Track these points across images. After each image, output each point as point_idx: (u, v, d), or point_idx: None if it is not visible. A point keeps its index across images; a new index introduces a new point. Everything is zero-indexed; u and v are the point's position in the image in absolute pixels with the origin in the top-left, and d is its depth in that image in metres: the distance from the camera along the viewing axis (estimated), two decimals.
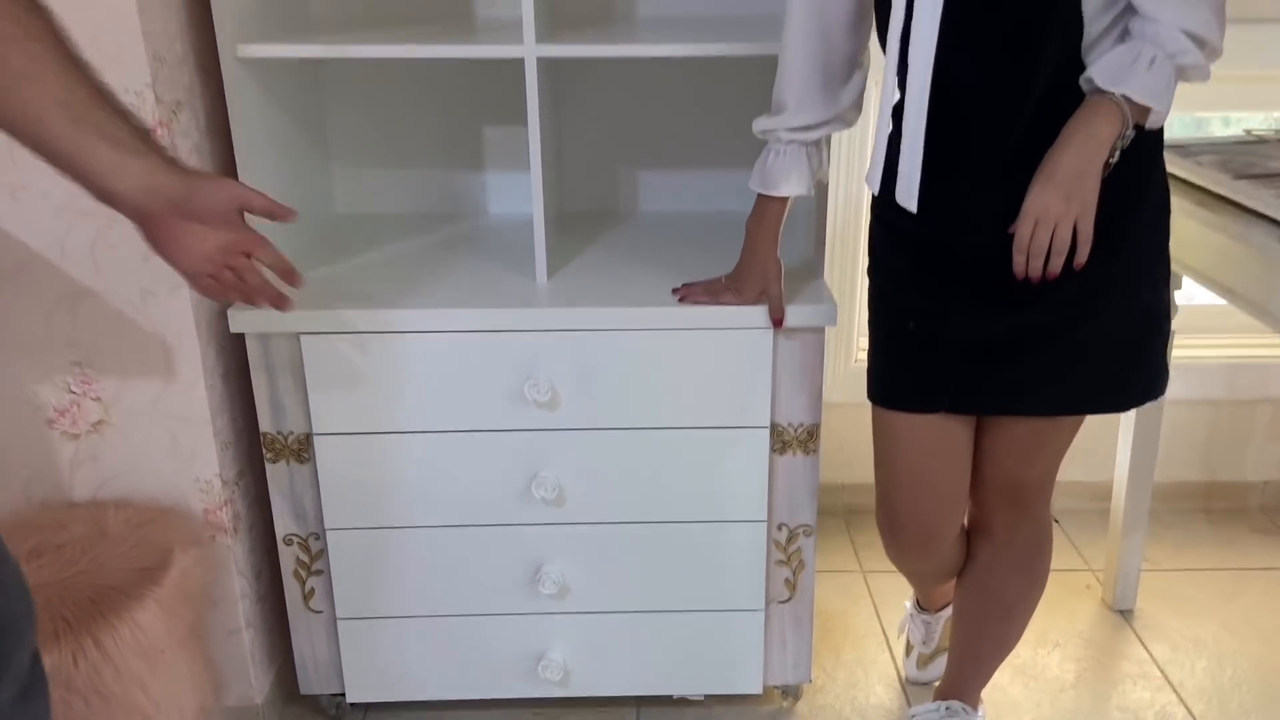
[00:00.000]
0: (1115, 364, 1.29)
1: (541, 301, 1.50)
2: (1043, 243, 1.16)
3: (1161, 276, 1.29)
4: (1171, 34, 1.12)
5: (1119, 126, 1.14)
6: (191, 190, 1.03)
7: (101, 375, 1.44)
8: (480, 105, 1.84)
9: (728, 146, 1.86)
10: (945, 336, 1.32)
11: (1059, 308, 1.26)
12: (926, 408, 1.37)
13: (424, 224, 1.85)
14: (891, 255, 1.36)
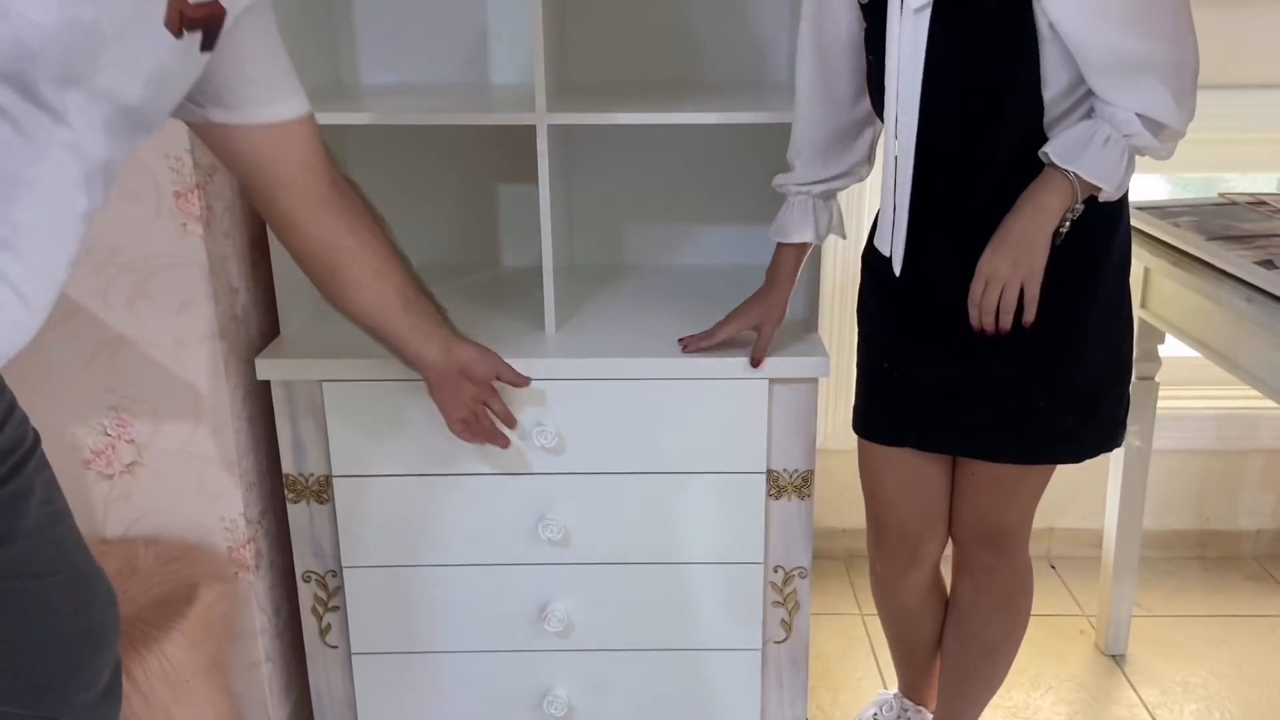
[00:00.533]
0: (1071, 417, 1.38)
1: (550, 352, 1.59)
2: (992, 301, 1.25)
3: (1118, 335, 1.37)
4: (1126, 116, 1.21)
5: (1068, 200, 1.23)
6: (474, 359, 1.36)
7: (136, 419, 1.54)
8: (494, 165, 1.94)
9: (732, 203, 1.96)
10: (914, 379, 1.43)
11: (1016, 360, 1.34)
12: (896, 441, 1.50)
13: (440, 275, 1.94)
14: (875, 301, 1.47)
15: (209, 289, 1.48)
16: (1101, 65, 1.21)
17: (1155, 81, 1.20)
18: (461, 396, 1.39)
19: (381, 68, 1.89)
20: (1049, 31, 1.20)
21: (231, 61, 1.01)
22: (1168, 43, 1.19)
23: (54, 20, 0.78)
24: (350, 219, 1.20)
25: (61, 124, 0.82)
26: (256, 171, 1.13)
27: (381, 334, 1.30)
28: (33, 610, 0.96)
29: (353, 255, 1.21)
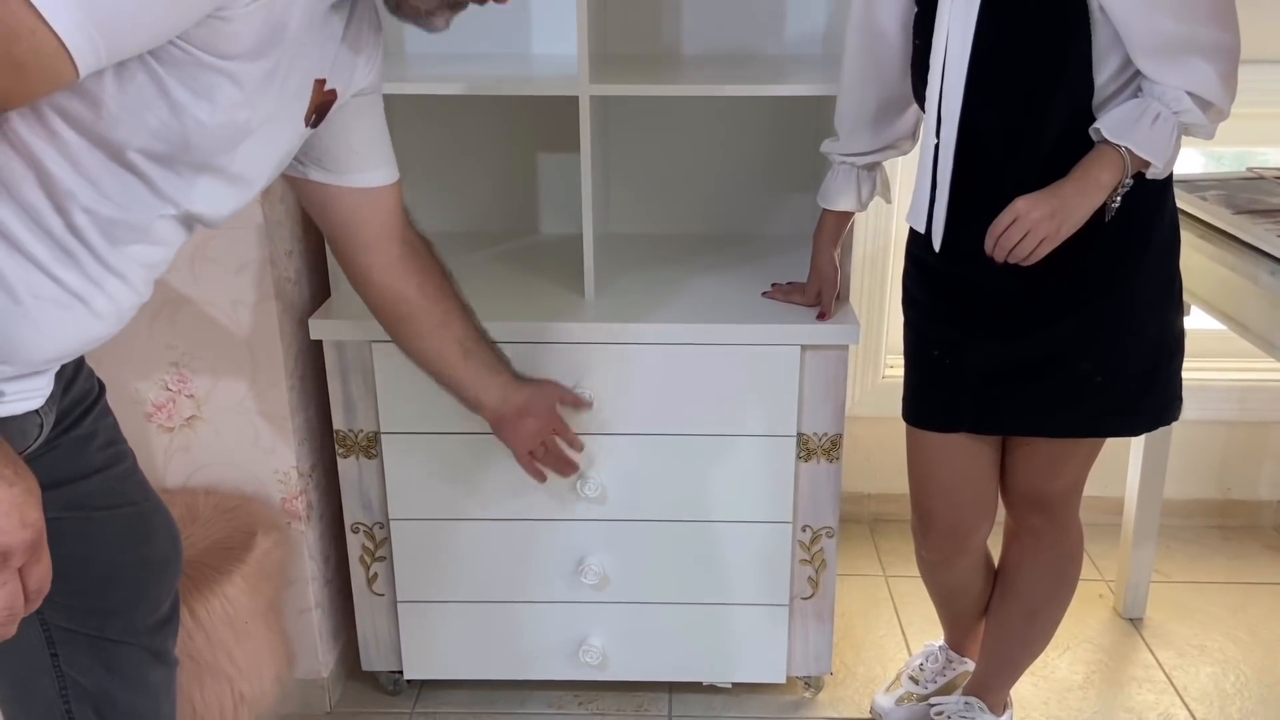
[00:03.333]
0: (1126, 391, 1.41)
1: (589, 316, 1.65)
2: (1011, 238, 1.28)
3: (1170, 311, 1.40)
4: (1176, 94, 1.24)
5: (1119, 174, 1.26)
6: (530, 398, 1.43)
7: (195, 375, 1.61)
8: (535, 133, 2.00)
9: (769, 172, 2.00)
10: (967, 364, 1.45)
11: (1069, 338, 1.38)
12: (951, 427, 1.51)
13: (482, 241, 2.01)
14: (920, 290, 1.50)
15: (265, 252, 1.55)
16: (1150, 47, 1.24)
17: (1202, 62, 1.23)
18: (522, 433, 1.45)
19: (426, 37, 1.93)
20: (1099, 14, 1.23)
21: (338, 132, 1.12)
22: (1213, 26, 1.22)
23: (217, 121, 0.89)
24: (419, 275, 1.29)
25: (190, 189, 0.93)
26: (341, 228, 1.23)
27: (442, 379, 1.38)
28: (97, 540, 1.07)
29: (418, 307, 1.30)
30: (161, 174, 0.90)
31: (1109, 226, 1.30)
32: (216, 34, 0.84)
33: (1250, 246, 1.54)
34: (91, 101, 0.83)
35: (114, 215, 0.89)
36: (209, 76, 0.86)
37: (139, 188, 0.90)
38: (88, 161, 0.86)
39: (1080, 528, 1.62)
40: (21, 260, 0.86)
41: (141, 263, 0.95)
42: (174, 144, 0.88)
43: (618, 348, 1.62)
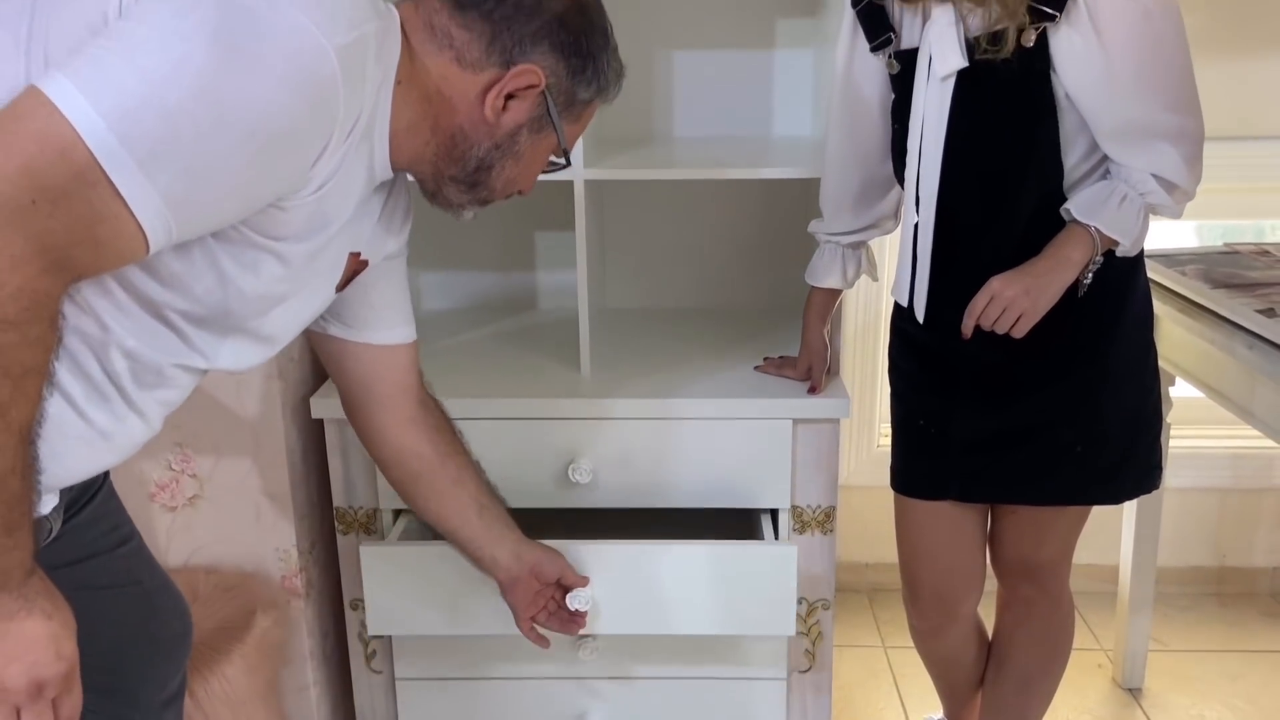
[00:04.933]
0: (1107, 460, 1.44)
1: (584, 392, 1.68)
2: (989, 317, 1.32)
3: (1147, 381, 1.44)
4: (1142, 177, 1.30)
5: (1089, 252, 1.31)
6: (541, 559, 1.42)
7: (199, 455, 1.64)
8: (532, 213, 2.05)
9: (760, 248, 2.06)
10: (951, 433, 1.48)
11: (1049, 409, 1.42)
12: (937, 495, 1.54)
13: (481, 317, 2.05)
14: (905, 360, 1.54)
15: None
16: (1115, 132, 1.29)
17: (1166, 146, 1.28)
18: (531, 594, 1.45)
19: None
20: (1065, 101, 1.29)
21: (361, 291, 1.18)
22: (1175, 112, 1.28)
23: (259, 292, 0.96)
24: (431, 433, 1.32)
25: (221, 346, 1.00)
26: (357, 383, 1.28)
27: (457, 537, 1.39)
28: (99, 618, 1.10)
29: (431, 464, 1.32)
30: (196, 332, 0.96)
31: (1083, 301, 1.34)
32: (272, 219, 0.91)
33: (1228, 320, 1.58)
34: (147, 269, 0.89)
35: (147, 362, 0.95)
36: (257, 253, 0.93)
37: (174, 340, 0.95)
38: (132, 315, 0.92)
39: (1071, 598, 1.63)
40: (58, 399, 0.90)
41: (162, 403, 1.00)
42: (214, 309, 0.95)
43: (613, 423, 1.65)
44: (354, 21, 0.89)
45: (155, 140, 0.78)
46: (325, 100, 0.86)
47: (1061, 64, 1.27)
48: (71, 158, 0.76)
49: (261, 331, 1.02)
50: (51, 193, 0.76)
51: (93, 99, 0.77)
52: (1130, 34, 1.24)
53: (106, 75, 0.78)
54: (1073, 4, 1.24)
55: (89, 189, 0.77)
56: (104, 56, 0.79)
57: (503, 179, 1.09)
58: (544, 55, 1.02)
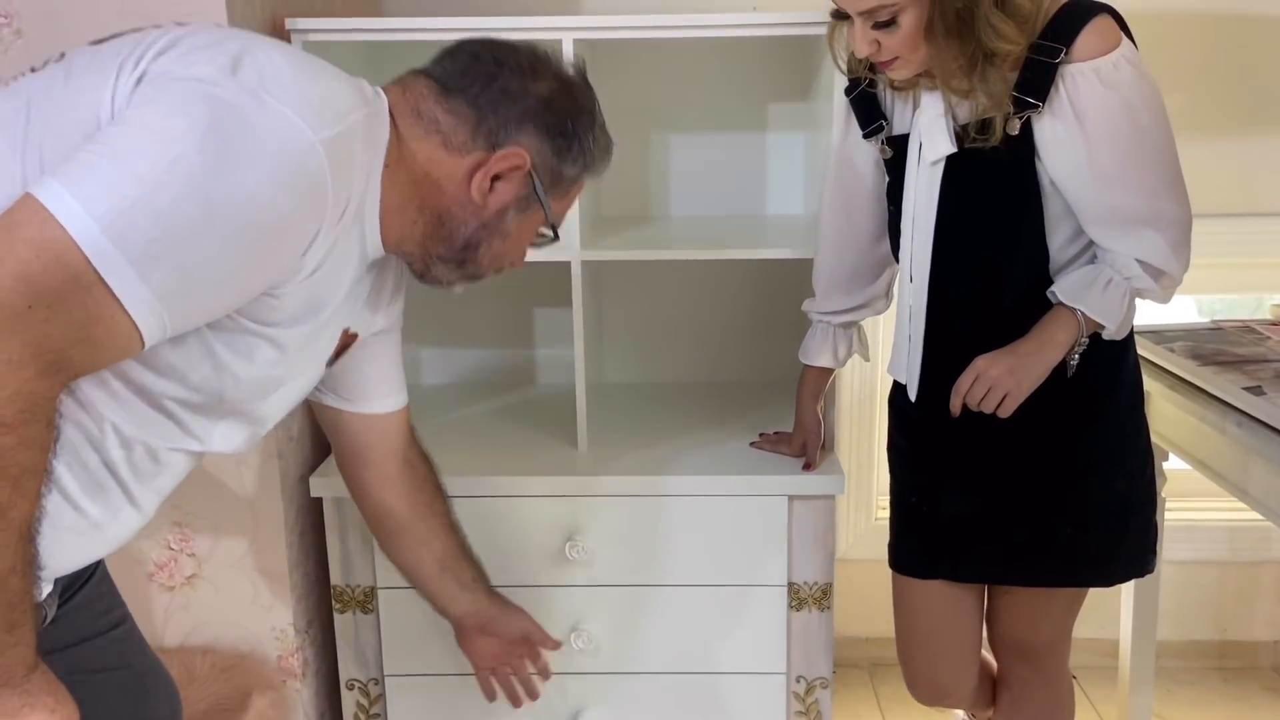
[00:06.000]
0: (1097, 542, 1.44)
1: (582, 469, 1.70)
2: (975, 396, 1.34)
3: (1136, 465, 1.44)
4: (1127, 261, 1.32)
5: (1074, 334, 1.33)
6: (497, 620, 1.45)
7: (198, 534, 1.65)
8: (531, 291, 2.09)
9: (755, 324, 2.09)
10: (942, 511, 1.49)
11: (1037, 490, 1.42)
12: (929, 574, 1.54)
13: (480, 393, 2.07)
14: (900, 437, 1.56)
15: None
16: (1098, 219, 1.32)
17: (1151, 232, 1.30)
18: (481, 650, 1.48)
19: None
20: (1050, 187, 1.32)
21: (354, 365, 1.22)
22: (1161, 199, 1.30)
23: (254, 376, 0.98)
24: (410, 493, 1.36)
25: (214, 429, 1.02)
26: (349, 446, 1.32)
27: (414, 585, 1.44)
28: (93, 702, 1.09)
29: (404, 523, 1.36)
30: (192, 417, 0.98)
31: (1071, 383, 1.36)
32: (266, 306, 0.93)
33: (1217, 398, 1.60)
34: (143, 360, 0.91)
35: (144, 449, 0.96)
36: (252, 340, 0.95)
37: (170, 426, 0.97)
38: (128, 405, 0.93)
39: (1069, 679, 1.62)
40: (54, 494, 0.91)
41: (157, 491, 1.02)
42: (210, 396, 0.96)
43: (610, 500, 1.66)
44: (340, 113, 0.92)
45: (148, 240, 0.81)
46: (314, 192, 0.88)
47: (1046, 152, 1.30)
48: (67, 262, 0.79)
49: (256, 414, 1.04)
50: (47, 297, 0.78)
51: (86, 203, 0.80)
52: (1112, 125, 1.27)
53: (99, 179, 0.81)
54: (1055, 94, 1.27)
55: (84, 292, 0.80)
56: (97, 161, 0.82)
57: (490, 256, 1.12)
58: (529, 137, 1.05)
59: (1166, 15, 2.03)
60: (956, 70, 1.28)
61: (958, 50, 1.26)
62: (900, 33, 1.25)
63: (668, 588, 1.69)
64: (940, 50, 1.26)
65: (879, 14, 1.25)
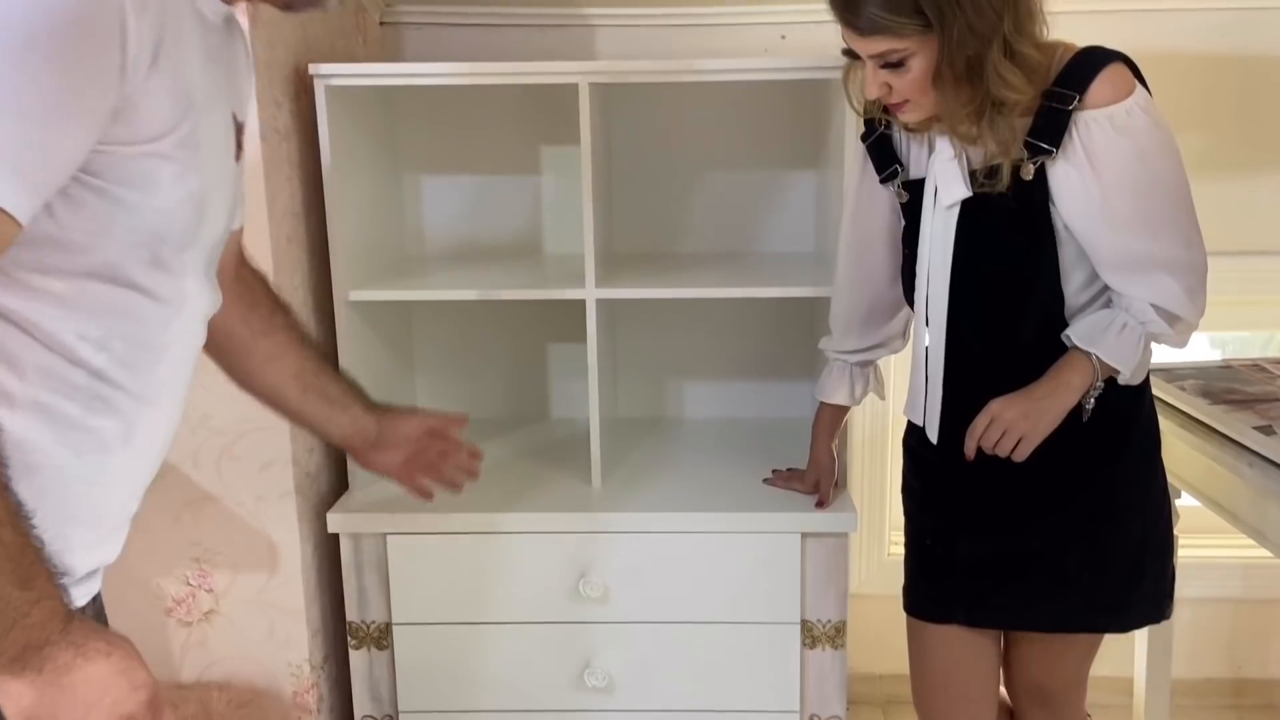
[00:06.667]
0: (1113, 588, 1.44)
1: (596, 506, 1.71)
2: (990, 439, 1.34)
3: (1152, 511, 1.44)
4: (1142, 306, 1.32)
5: (1089, 378, 1.33)
6: (383, 430, 1.37)
7: (215, 570, 1.66)
8: (545, 326, 2.11)
9: (768, 360, 2.10)
10: (958, 554, 1.49)
11: (1052, 535, 1.42)
12: (944, 618, 1.53)
13: (496, 428, 2.09)
14: (915, 479, 1.56)
15: (289, 451, 1.63)
16: (1113, 263, 1.32)
17: (1166, 277, 1.31)
18: (391, 463, 1.40)
19: (447, 238, 2.08)
20: (1065, 232, 1.33)
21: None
22: (1175, 245, 1.31)
23: (174, 199, 0.92)
24: (246, 310, 1.24)
25: (182, 283, 0.97)
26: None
27: (286, 417, 1.35)
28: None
29: (246, 343, 1.25)
30: (151, 278, 0.92)
31: (1086, 428, 1.36)
32: (128, 124, 0.85)
33: (1229, 437, 1.61)
34: (56, 243, 0.85)
35: (125, 343, 0.92)
36: (143, 164, 0.88)
37: (134, 299, 0.92)
38: (88, 300, 0.88)
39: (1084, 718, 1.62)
40: (56, 426, 0.89)
41: (165, 382, 0.97)
42: (150, 242, 0.90)
43: (624, 536, 1.68)
44: None
45: None
46: None
47: (1060, 197, 1.31)
48: None
49: (202, 236, 0.97)
50: None
51: None
52: (1125, 171, 1.28)
53: None
54: (1069, 141, 1.28)
55: None
56: None
57: None
58: None
59: (1178, 56, 2.06)
60: (964, 116, 1.30)
61: (967, 96, 1.28)
62: (909, 76, 1.27)
63: (681, 624, 1.70)
64: (948, 96, 1.28)
65: (889, 56, 1.26)
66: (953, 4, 1.22)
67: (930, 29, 1.23)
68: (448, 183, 2.06)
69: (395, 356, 2.01)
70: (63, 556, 0.88)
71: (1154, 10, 2.04)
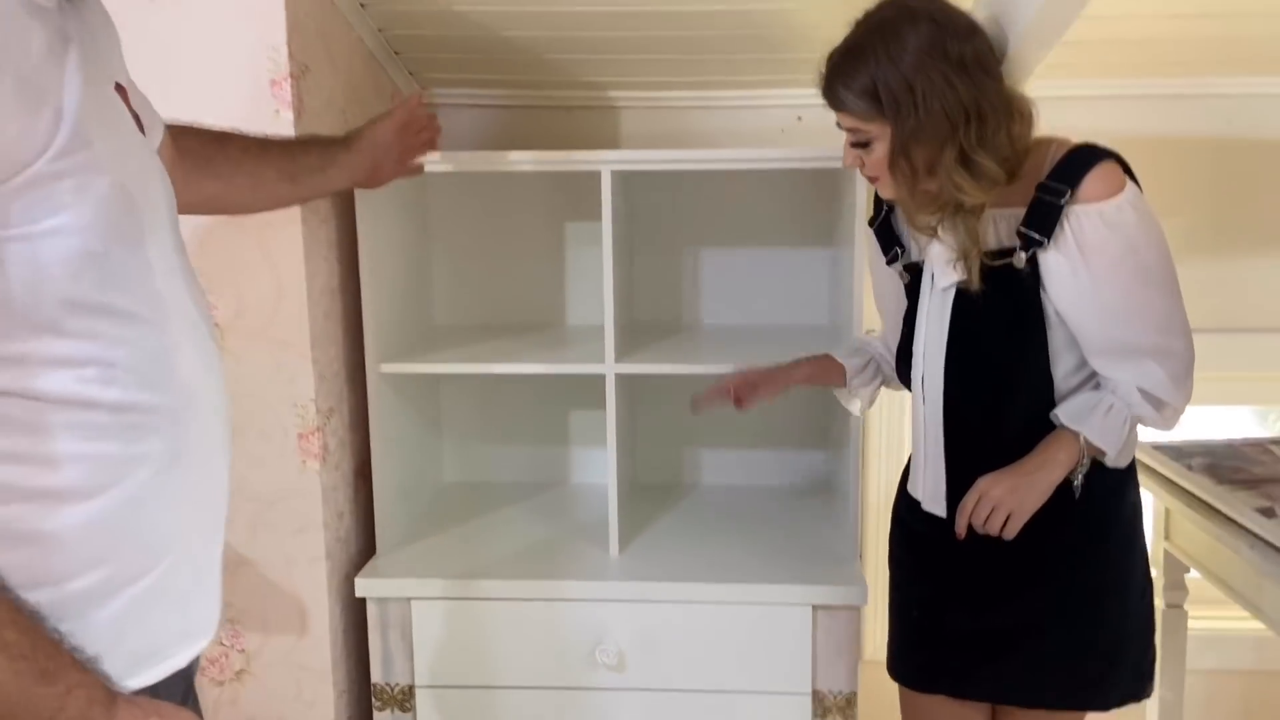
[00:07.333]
0: (1094, 667, 1.46)
1: (613, 574, 1.77)
2: (979, 517, 1.38)
3: (1133, 596, 1.47)
4: (1128, 389, 1.37)
5: (1075, 455, 1.37)
6: (367, 154, 1.52)
7: (248, 630, 1.73)
8: (567, 395, 2.18)
9: (783, 430, 2.16)
10: (943, 625, 1.53)
11: (1034, 613, 1.45)
12: (930, 688, 1.57)
13: (516, 492, 2.16)
14: (903, 550, 1.61)
15: (321, 516, 1.70)
16: (1102, 349, 1.37)
17: (1153, 364, 1.35)
18: (386, 174, 1.59)
19: (474, 309, 2.17)
20: (1055, 318, 1.38)
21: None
22: (1162, 334, 1.35)
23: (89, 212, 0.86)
24: (207, 173, 1.25)
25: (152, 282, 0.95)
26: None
27: (296, 204, 1.49)
28: None
29: (224, 193, 1.30)
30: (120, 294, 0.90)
31: (1070, 510, 1.39)
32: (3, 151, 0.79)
33: (1232, 519, 1.64)
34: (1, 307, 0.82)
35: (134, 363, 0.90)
36: (32, 195, 0.82)
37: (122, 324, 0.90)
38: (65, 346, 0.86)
39: None
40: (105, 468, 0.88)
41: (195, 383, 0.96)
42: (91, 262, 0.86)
43: (639, 605, 1.73)
44: None
45: None
46: None
47: (1051, 285, 1.36)
48: None
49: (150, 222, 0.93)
50: None
51: None
52: (1115, 263, 1.32)
53: None
54: (1060, 232, 1.33)
55: None
56: None
57: None
58: None
59: (1170, 139, 2.13)
60: (919, 207, 1.37)
61: (923, 190, 1.35)
62: (874, 157, 1.36)
63: (695, 693, 1.74)
64: (902, 186, 1.36)
65: (854, 135, 1.36)
66: (908, 102, 1.29)
67: (885, 119, 1.31)
68: (476, 257, 2.15)
69: (423, 423, 2.08)
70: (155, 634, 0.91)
71: (1154, 96, 2.12)
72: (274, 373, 1.66)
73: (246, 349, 1.64)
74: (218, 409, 1.02)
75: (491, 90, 2.15)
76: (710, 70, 2.03)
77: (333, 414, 1.75)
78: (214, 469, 1.02)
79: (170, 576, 0.96)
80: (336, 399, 1.77)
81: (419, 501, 2.05)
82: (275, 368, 1.65)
